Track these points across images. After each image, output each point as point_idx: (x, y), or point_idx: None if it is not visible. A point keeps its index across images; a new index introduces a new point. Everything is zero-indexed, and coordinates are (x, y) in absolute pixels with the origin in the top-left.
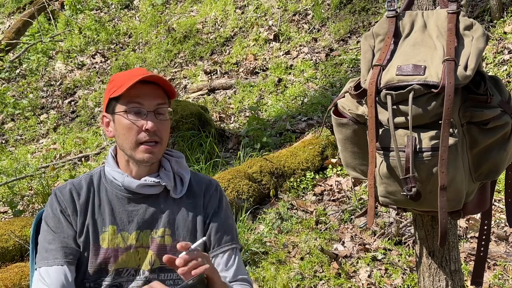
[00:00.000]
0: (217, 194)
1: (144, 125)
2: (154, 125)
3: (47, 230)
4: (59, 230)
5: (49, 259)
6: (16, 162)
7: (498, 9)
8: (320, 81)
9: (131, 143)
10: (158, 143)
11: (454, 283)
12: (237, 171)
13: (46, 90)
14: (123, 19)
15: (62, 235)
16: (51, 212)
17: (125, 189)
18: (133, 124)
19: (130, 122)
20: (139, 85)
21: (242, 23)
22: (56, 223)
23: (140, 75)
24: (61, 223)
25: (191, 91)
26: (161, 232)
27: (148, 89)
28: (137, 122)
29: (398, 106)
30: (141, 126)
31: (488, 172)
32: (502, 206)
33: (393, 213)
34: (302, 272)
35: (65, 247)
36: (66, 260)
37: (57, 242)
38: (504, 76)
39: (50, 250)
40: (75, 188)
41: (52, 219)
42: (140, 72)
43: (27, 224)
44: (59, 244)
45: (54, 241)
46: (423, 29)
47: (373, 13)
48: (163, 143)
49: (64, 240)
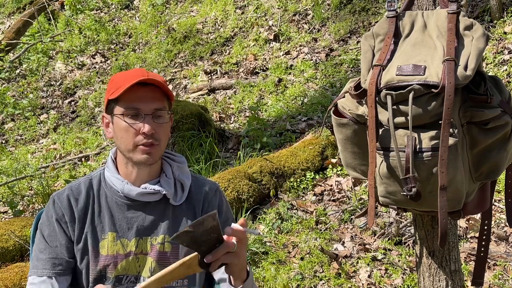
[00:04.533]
0: (216, 198)
1: (141, 128)
2: (151, 129)
3: (40, 238)
4: (52, 239)
5: (39, 268)
6: (16, 162)
7: (498, 9)
8: (320, 81)
9: (129, 145)
10: (156, 145)
11: (454, 283)
12: (237, 171)
13: (46, 90)
14: (123, 19)
15: (54, 244)
16: (46, 219)
17: (125, 196)
18: (130, 127)
19: (128, 125)
20: (137, 87)
21: (242, 23)
22: (50, 232)
23: (138, 76)
24: (55, 231)
25: (191, 91)
26: (161, 239)
27: (146, 92)
28: (135, 125)
29: (398, 106)
30: (139, 129)
31: (488, 172)
32: (502, 206)
33: (393, 213)
34: (302, 272)
35: (55, 258)
36: (54, 271)
37: (47, 252)
38: (504, 76)
39: (40, 260)
40: (73, 194)
41: (47, 227)
42: (139, 73)
43: (27, 224)
44: (49, 254)
45: (45, 251)
46: (423, 29)
47: (373, 13)
48: (161, 144)
49: (55, 251)
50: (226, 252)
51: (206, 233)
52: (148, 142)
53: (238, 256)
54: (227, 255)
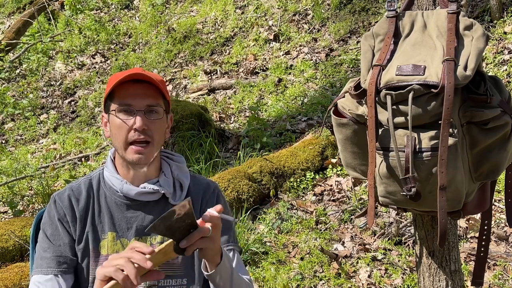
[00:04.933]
0: (214, 197)
1: (133, 124)
2: (143, 124)
3: (43, 237)
4: (55, 238)
5: (43, 267)
6: (16, 162)
7: (498, 9)
8: (320, 81)
9: (122, 142)
10: (149, 144)
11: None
12: (237, 171)
13: (46, 90)
14: (123, 19)
15: (57, 243)
16: (48, 219)
17: (124, 196)
18: (123, 123)
19: (121, 121)
20: (130, 84)
21: (242, 23)
22: (53, 231)
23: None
24: (58, 231)
25: (191, 91)
26: (160, 239)
27: (138, 89)
28: (127, 121)
29: (397, 106)
30: (131, 125)
31: (488, 172)
32: (502, 206)
33: (393, 213)
34: (302, 272)
35: (59, 256)
36: (59, 269)
37: (51, 251)
38: (504, 76)
39: (44, 258)
40: (74, 194)
41: (49, 227)
42: (135, 71)
43: (27, 224)
44: (53, 253)
45: (49, 249)
46: (423, 29)
47: (373, 13)
48: (154, 143)
49: (59, 249)
50: (201, 237)
51: (180, 220)
52: (140, 138)
53: (213, 240)
54: (202, 240)
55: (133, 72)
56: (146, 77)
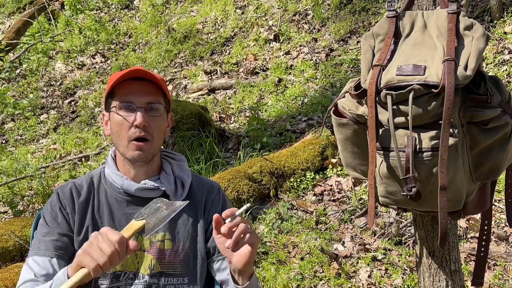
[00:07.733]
0: (219, 199)
1: (134, 120)
2: (143, 120)
3: (43, 224)
4: (55, 225)
5: (41, 249)
6: (16, 162)
7: (498, 9)
8: (320, 81)
9: (123, 139)
10: (149, 141)
11: (454, 283)
12: (237, 171)
13: (46, 90)
14: (123, 19)
15: (56, 230)
16: (50, 208)
17: (124, 192)
18: (124, 120)
19: (122, 118)
20: (131, 82)
21: (242, 23)
22: (53, 218)
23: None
24: (57, 218)
25: (191, 91)
26: (161, 237)
27: (139, 86)
28: (128, 117)
29: (398, 106)
30: (132, 122)
31: (488, 172)
32: (502, 206)
33: (393, 213)
34: (302, 272)
35: (57, 241)
36: (56, 253)
37: (50, 235)
38: (504, 76)
39: (42, 241)
40: (76, 187)
41: (49, 214)
42: (135, 69)
43: (27, 224)
44: (52, 237)
45: (48, 234)
46: (423, 29)
47: (373, 13)
48: (154, 141)
49: (57, 235)
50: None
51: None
52: (141, 135)
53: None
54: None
55: (134, 70)
56: (146, 74)
